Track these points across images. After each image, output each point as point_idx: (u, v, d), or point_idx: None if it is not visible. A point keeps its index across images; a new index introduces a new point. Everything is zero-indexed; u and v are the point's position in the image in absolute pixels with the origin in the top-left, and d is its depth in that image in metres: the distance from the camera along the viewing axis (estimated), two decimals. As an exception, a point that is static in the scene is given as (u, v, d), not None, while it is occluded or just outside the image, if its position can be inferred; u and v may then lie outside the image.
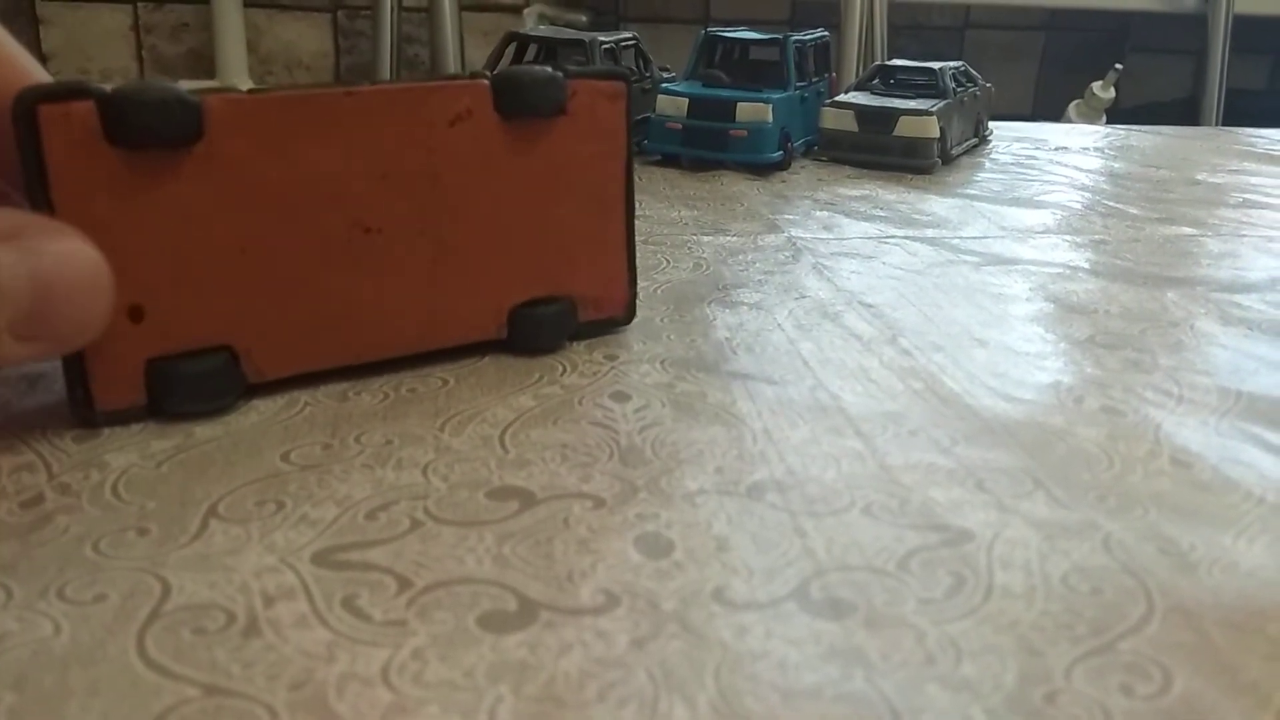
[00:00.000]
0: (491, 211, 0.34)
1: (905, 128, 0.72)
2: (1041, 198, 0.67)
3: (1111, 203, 0.66)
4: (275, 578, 0.23)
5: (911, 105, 0.73)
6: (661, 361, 0.37)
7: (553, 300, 0.37)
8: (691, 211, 0.61)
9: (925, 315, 0.43)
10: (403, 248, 0.33)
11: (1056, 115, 1.87)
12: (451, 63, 1.44)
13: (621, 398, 0.34)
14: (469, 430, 0.31)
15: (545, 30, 0.77)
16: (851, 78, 1.34)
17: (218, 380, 0.31)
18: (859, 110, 0.74)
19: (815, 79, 0.79)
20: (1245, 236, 0.58)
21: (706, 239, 0.54)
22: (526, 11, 1.74)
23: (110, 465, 0.28)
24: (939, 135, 0.72)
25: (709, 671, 0.21)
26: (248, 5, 1.58)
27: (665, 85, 0.73)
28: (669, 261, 0.50)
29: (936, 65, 0.79)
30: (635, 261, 0.39)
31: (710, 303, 0.44)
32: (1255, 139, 0.93)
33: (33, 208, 0.28)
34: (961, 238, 0.56)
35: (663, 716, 0.20)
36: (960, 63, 0.83)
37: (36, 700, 0.19)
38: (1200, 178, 0.75)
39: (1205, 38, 1.81)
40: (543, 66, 0.35)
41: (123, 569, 0.24)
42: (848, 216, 0.60)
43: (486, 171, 0.34)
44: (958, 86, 0.79)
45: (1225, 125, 1.61)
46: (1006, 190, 0.69)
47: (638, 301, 0.39)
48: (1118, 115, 1.75)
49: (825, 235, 0.56)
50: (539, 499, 0.27)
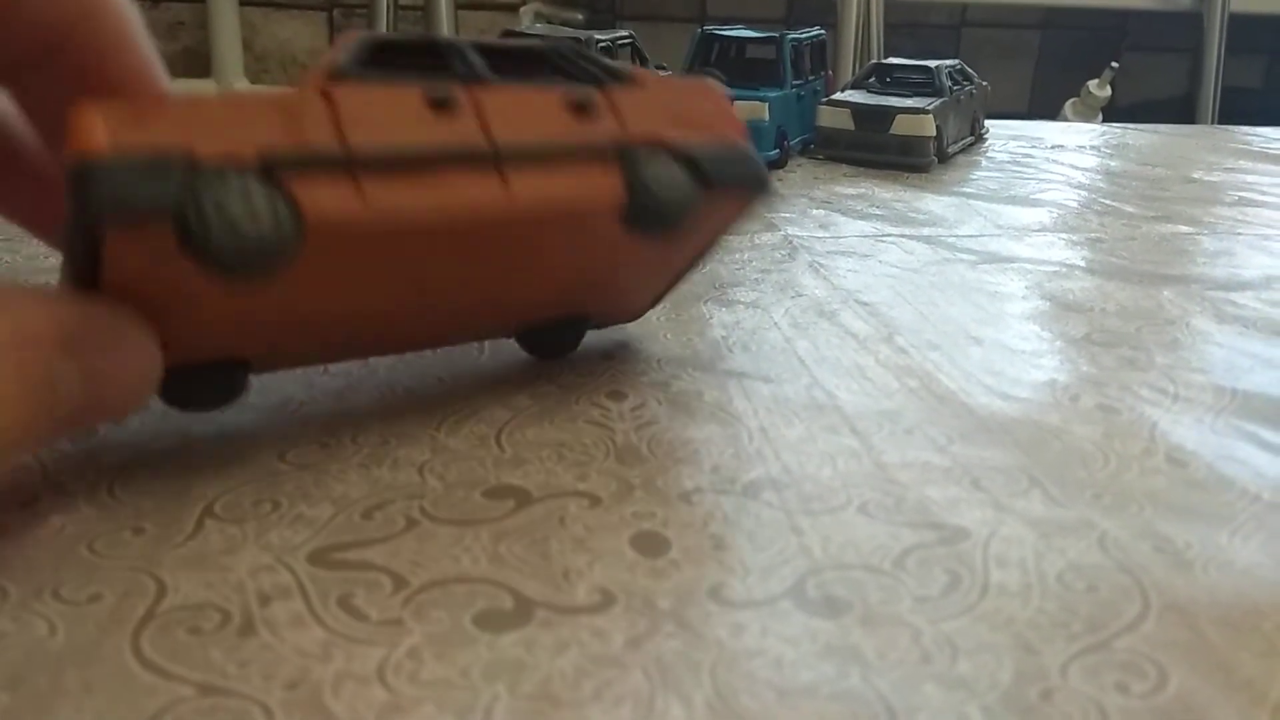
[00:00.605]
0: (551, 266, 0.32)
1: (902, 126, 0.72)
2: (1038, 196, 0.67)
3: (1107, 201, 0.66)
4: (271, 577, 0.23)
5: (908, 103, 0.73)
6: (658, 360, 0.37)
7: (572, 320, 0.36)
8: (688, 210, 0.60)
9: (921, 313, 0.43)
10: (458, 295, 0.31)
11: (1052, 114, 1.87)
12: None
13: (618, 396, 0.34)
14: (465, 429, 0.31)
15: (541, 29, 0.76)
16: (848, 76, 1.34)
17: (224, 382, 0.30)
18: (855, 108, 0.74)
19: (811, 77, 0.79)
20: (1241, 234, 0.59)
21: (703, 237, 0.54)
22: (523, 10, 1.74)
23: (106, 465, 0.28)
24: (935, 133, 0.72)
25: (705, 670, 0.21)
26: (243, 3, 1.58)
27: (661, 83, 0.73)
28: (665, 260, 0.50)
29: (933, 63, 0.79)
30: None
31: (706, 301, 0.44)
32: (1251, 137, 0.93)
33: (72, 268, 0.25)
34: (958, 236, 0.56)
35: (659, 715, 0.20)
36: (956, 61, 0.83)
37: (31, 700, 0.19)
38: (1196, 176, 0.75)
39: (1201, 36, 1.81)
40: (683, 179, 0.31)
41: (118, 568, 0.24)
42: (844, 215, 0.60)
43: (568, 243, 0.31)
44: (954, 85, 0.79)
45: (1221, 123, 1.61)
46: (1003, 188, 0.69)
47: (634, 300, 0.39)
48: (1114, 114, 1.75)
49: (821, 233, 0.56)
50: (535, 498, 0.27)
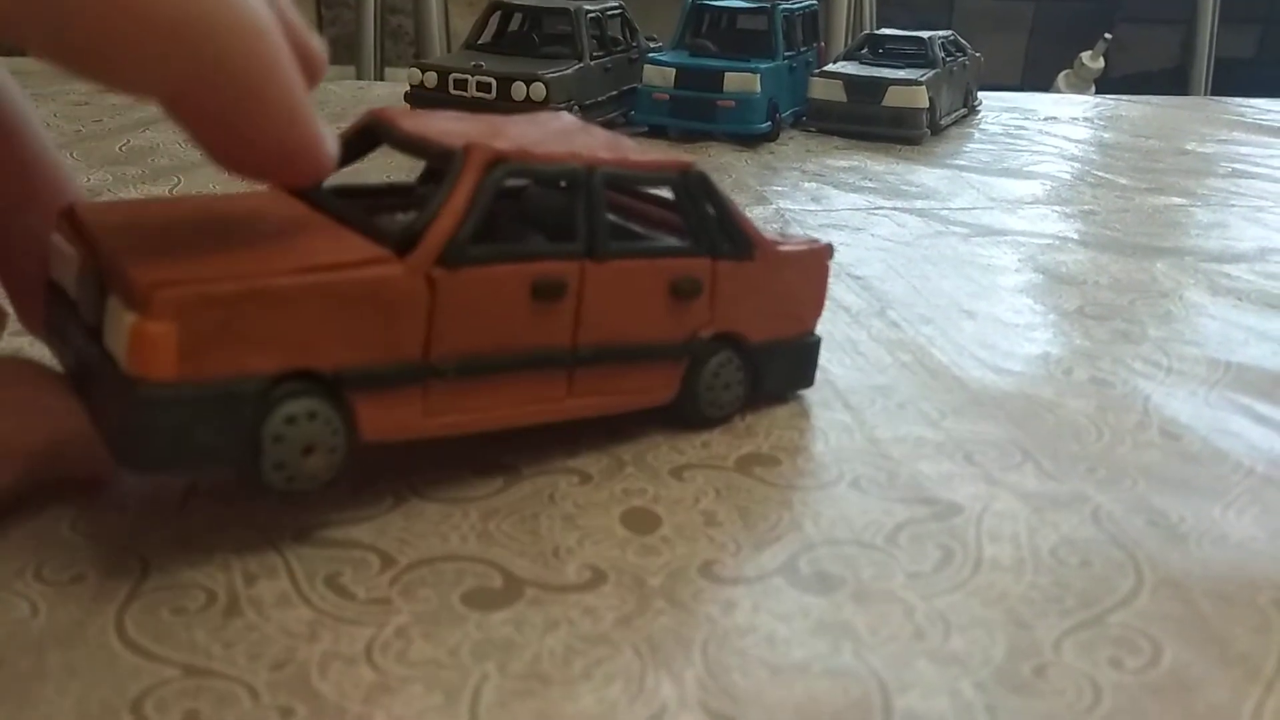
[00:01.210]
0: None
1: (894, 98, 0.72)
2: (1031, 168, 0.67)
3: (1101, 173, 0.66)
4: (257, 556, 0.23)
5: (900, 75, 0.73)
6: (648, 335, 0.36)
7: None
8: (679, 183, 0.60)
9: (914, 287, 0.43)
10: None
11: (1046, 85, 1.86)
12: (436, 33, 1.42)
13: (608, 371, 0.33)
14: (454, 405, 0.31)
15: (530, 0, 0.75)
16: (840, 47, 1.33)
17: None
18: (848, 80, 0.73)
19: (803, 48, 0.78)
20: (1234, 206, 0.58)
21: (694, 211, 0.54)
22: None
23: (89, 443, 0.28)
24: (928, 105, 0.71)
25: (696, 647, 0.21)
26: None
27: (652, 55, 0.73)
28: (656, 234, 0.49)
29: (926, 34, 0.79)
30: None
31: (698, 275, 0.43)
32: (1244, 108, 0.92)
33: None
34: (950, 209, 0.56)
35: (650, 693, 0.19)
36: (950, 32, 0.83)
37: (12, 682, 0.19)
38: (1189, 147, 0.75)
39: (1194, 7, 1.80)
40: (737, 384, 0.29)
41: (101, 548, 0.23)
42: (836, 188, 0.59)
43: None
44: (947, 56, 0.78)
45: (1214, 95, 1.61)
46: (995, 161, 0.68)
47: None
48: (1107, 85, 1.74)
49: (814, 207, 0.55)
50: (524, 474, 0.27)
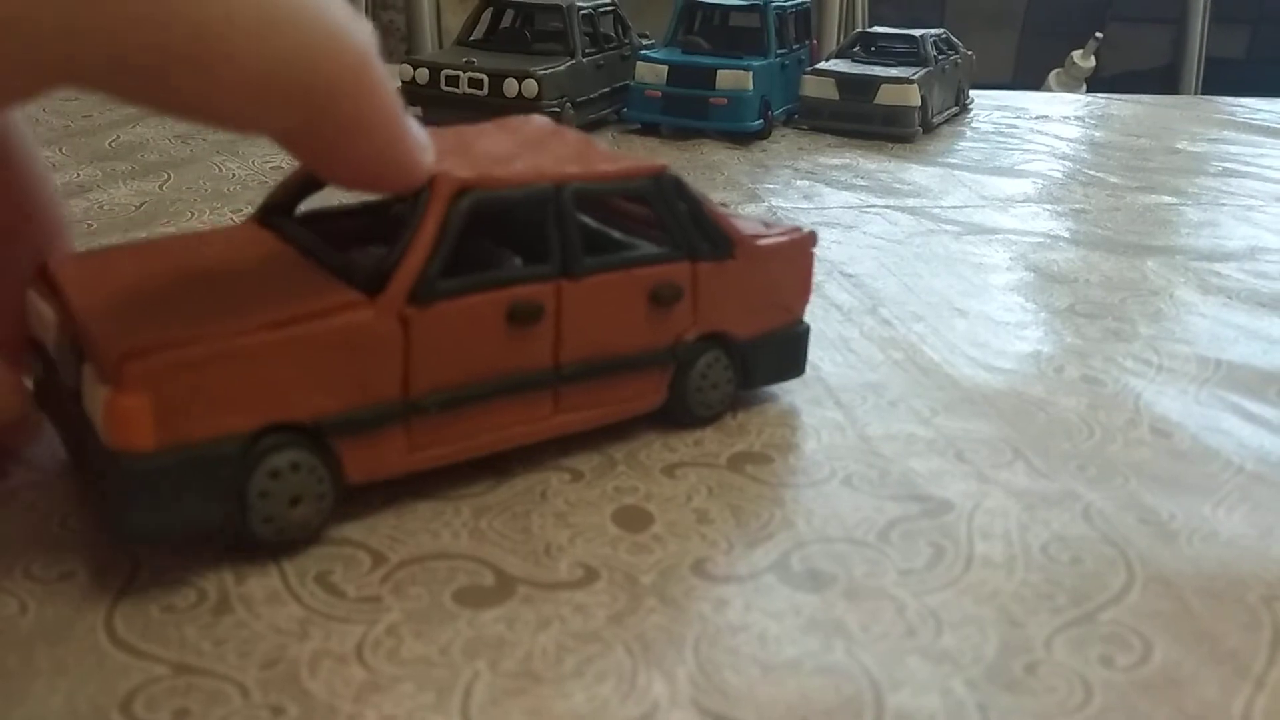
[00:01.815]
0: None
1: (886, 96, 0.72)
2: (1022, 167, 0.67)
3: (1092, 171, 0.66)
4: (247, 553, 0.23)
5: (893, 73, 0.73)
6: (640, 332, 0.36)
7: None
8: (671, 181, 0.60)
9: (906, 285, 0.43)
10: None
11: (1037, 84, 1.86)
12: (428, 29, 1.42)
13: (600, 369, 0.33)
14: (445, 402, 0.30)
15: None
16: (832, 45, 1.33)
17: None
18: (840, 78, 0.73)
19: (796, 46, 0.78)
20: (1225, 205, 0.58)
21: (686, 208, 0.54)
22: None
23: (78, 440, 0.28)
24: (920, 103, 0.72)
25: (688, 645, 0.21)
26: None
27: (644, 52, 0.72)
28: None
29: (918, 33, 0.79)
30: None
31: (690, 273, 0.43)
32: (1235, 108, 0.93)
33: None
34: (942, 207, 0.56)
35: (641, 691, 0.19)
36: (942, 30, 0.83)
37: (1, 680, 0.19)
38: (1180, 146, 0.75)
39: (1185, 6, 1.81)
40: (726, 382, 0.29)
41: (91, 545, 0.23)
42: (828, 186, 0.59)
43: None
44: (939, 54, 0.78)
45: (1205, 94, 1.61)
46: (987, 159, 0.68)
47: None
48: (1098, 84, 1.75)
49: (806, 204, 0.55)
50: (516, 472, 0.27)
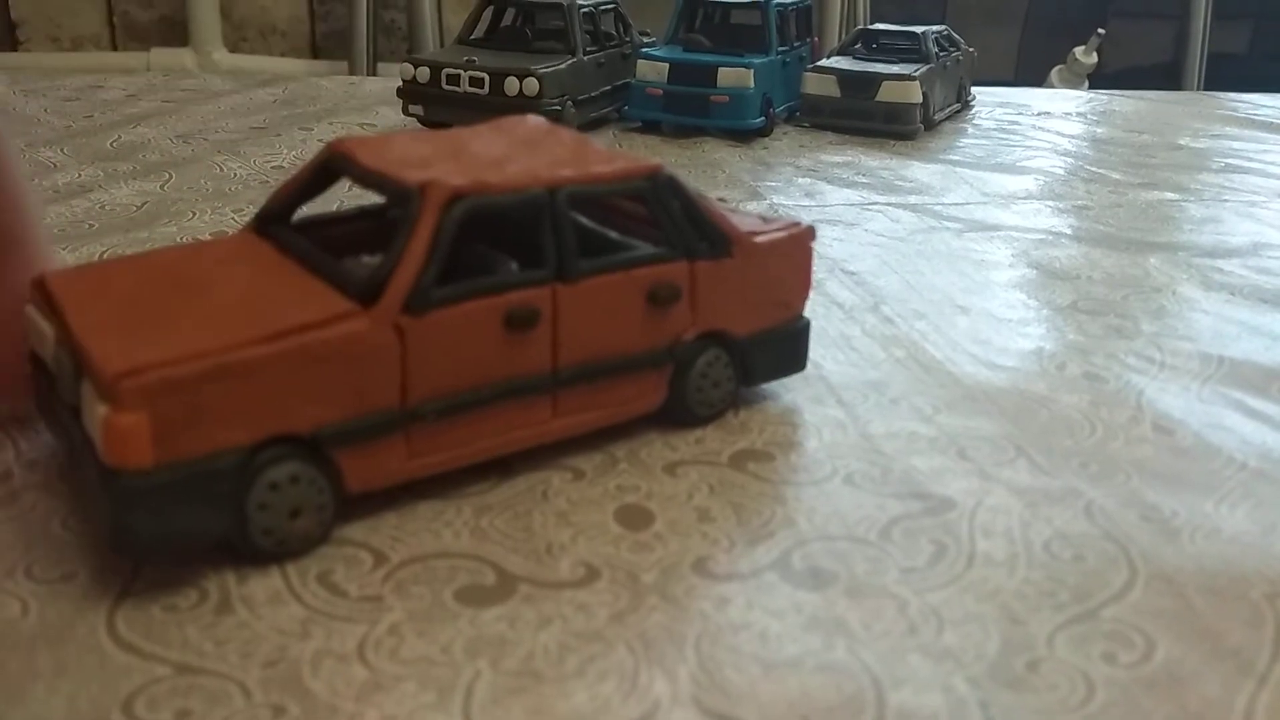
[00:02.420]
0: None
1: (888, 93, 0.71)
2: (1024, 163, 0.67)
3: (1094, 168, 0.66)
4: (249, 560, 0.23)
5: (894, 70, 0.73)
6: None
7: None
8: (672, 179, 0.60)
9: (907, 282, 0.43)
10: None
11: (1039, 80, 1.86)
12: (429, 28, 1.42)
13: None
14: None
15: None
16: (834, 42, 1.33)
17: None
18: (841, 75, 0.73)
19: (797, 43, 0.78)
20: (1227, 201, 0.58)
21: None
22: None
23: (80, 440, 0.28)
24: (922, 100, 0.71)
25: (689, 644, 0.21)
26: (221, -30, 1.55)
27: (645, 50, 0.72)
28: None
29: (919, 29, 0.78)
30: None
31: (691, 271, 0.43)
32: (1237, 104, 0.92)
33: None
34: (944, 204, 0.56)
35: (643, 689, 0.19)
36: (943, 27, 0.82)
37: (2, 681, 0.19)
38: (1182, 142, 0.75)
39: (1187, 2, 1.80)
40: (726, 380, 0.29)
41: (92, 546, 0.23)
42: (830, 183, 0.59)
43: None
44: (940, 51, 0.78)
45: (1207, 90, 1.61)
46: (989, 156, 0.68)
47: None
48: (1100, 80, 1.74)
49: (807, 202, 0.55)
50: (517, 471, 0.27)
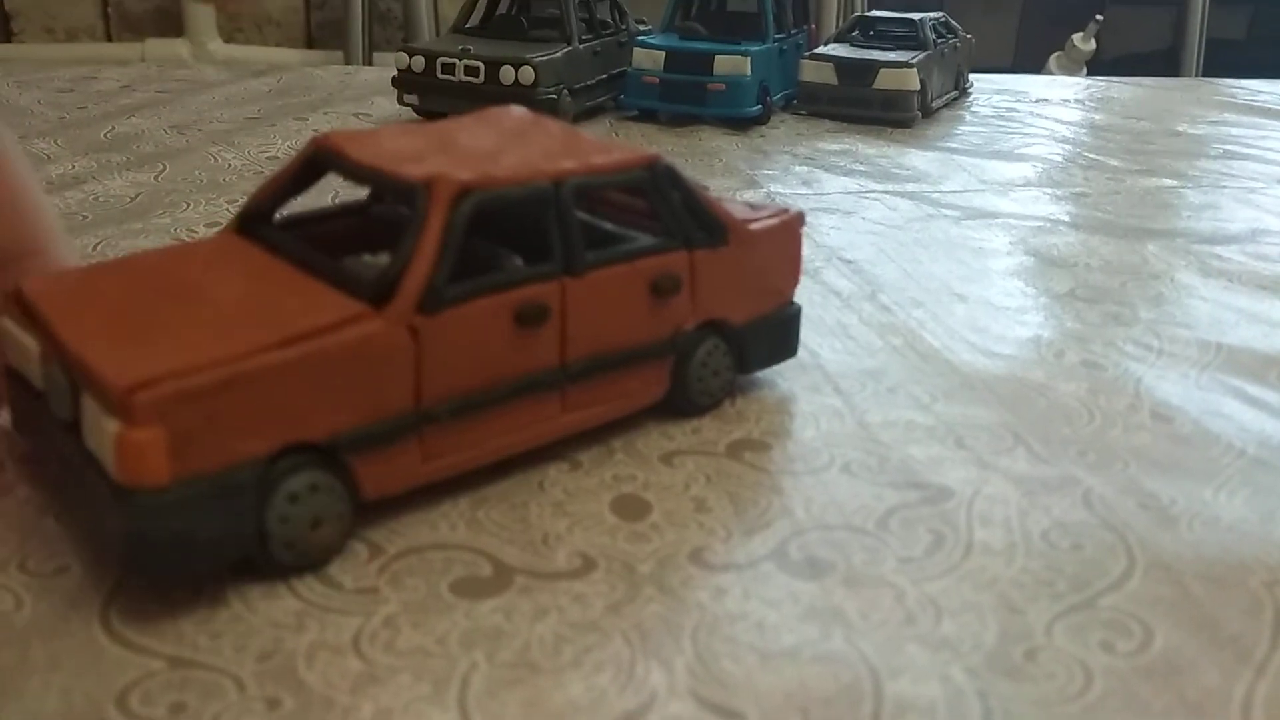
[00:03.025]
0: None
1: (885, 80, 0.71)
2: (1022, 151, 0.66)
3: (1092, 155, 0.66)
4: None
5: (892, 57, 0.72)
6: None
7: None
8: (669, 167, 0.60)
9: (905, 271, 0.43)
10: None
11: (1037, 67, 1.85)
12: (424, 17, 1.41)
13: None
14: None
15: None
16: (831, 29, 1.32)
17: None
18: (838, 63, 0.73)
19: (794, 31, 0.78)
20: (1225, 188, 0.58)
21: (684, 195, 0.54)
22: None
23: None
24: (919, 88, 0.71)
25: (686, 634, 0.21)
26: (215, -40, 1.54)
27: (642, 38, 0.72)
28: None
29: (917, 16, 0.78)
30: None
31: (688, 260, 0.43)
32: (1235, 90, 0.92)
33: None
34: (942, 192, 0.56)
35: (639, 680, 0.19)
36: (941, 14, 0.82)
37: (-4, 675, 0.19)
38: (1181, 129, 0.74)
39: (1186, -12, 1.79)
40: (725, 369, 0.29)
41: (86, 539, 0.23)
42: (827, 171, 0.59)
43: None
44: (938, 38, 0.78)
45: (1205, 76, 1.60)
46: (987, 143, 0.68)
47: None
48: (1098, 67, 1.74)
49: (804, 190, 0.55)
50: (514, 462, 0.26)
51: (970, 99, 0.83)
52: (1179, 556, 0.24)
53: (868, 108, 0.72)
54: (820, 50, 0.76)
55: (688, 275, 0.28)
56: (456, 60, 0.65)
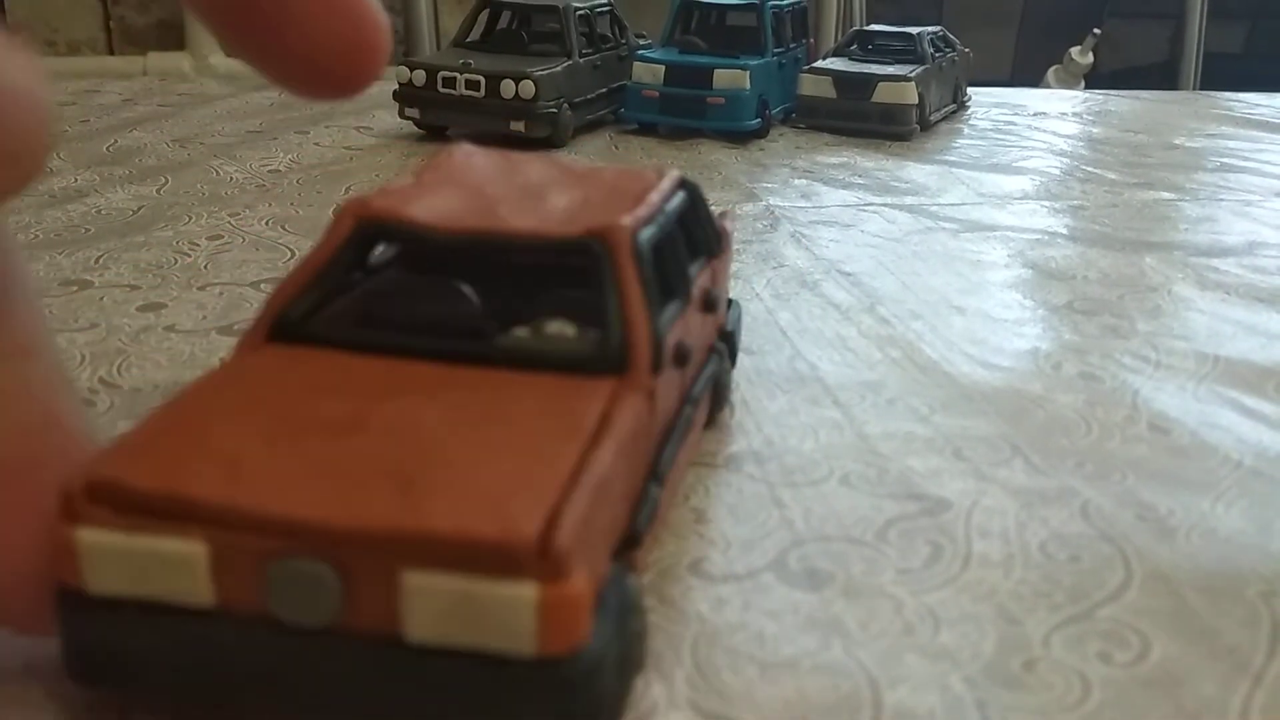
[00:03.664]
0: None
1: (884, 94, 0.72)
2: (1020, 164, 0.67)
3: (1090, 168, 0.66)
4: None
5: (890, 71, 0.73)
6: (638, 332, 0.36)
7: None
8: (669, 180, 0.60)
9: (904, 283, 0.43)
10: None
11: (1035, 81, 1.86)
12: (425, 31, 1.42)
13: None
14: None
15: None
16: (829, 43, 1.33)
17: None
18: (837, 76, 0.73)
19: (793, 45, 0.78)
20: (1223, 201, 0.58)
21: (684, 208, 0.54)
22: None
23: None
24: (918, 101, 0.71)
25: (686, 645, 0.21)
26: (217, -26, 1.55)
27: (641, 52, 0.72)
28: (646, 231, 0.49)
29: (915, 30, 0.79)
30: None
31: (688, 272, 0.43)
32: (1233, 103, 0.93)
33: None
34: (940, 205, 0.56)
35: (639, 692, 0.19)
36: (939, 28, 0.82)
37: None
38: (1178, 142, 0.75)
39: (1183, 2, 1.80)
40: (729, 374, 0.29)
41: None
42: (826, 184, 0.59)
43: None
44: (936, 52, 0.78)
45: (1203, 89, 1.61)
46: (985, 156, 0.68)
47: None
48: (1096, 80, 1.75)
49: (803, 203, 0.55)
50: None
51: (968, 112, 0.84)
52: (1177, 567, 0.24)
53: (866, 121, 0.72)
54: (819, 64, 0.76)
55: (712, 282, 0.28)
56: (457, 74, 0.66)
